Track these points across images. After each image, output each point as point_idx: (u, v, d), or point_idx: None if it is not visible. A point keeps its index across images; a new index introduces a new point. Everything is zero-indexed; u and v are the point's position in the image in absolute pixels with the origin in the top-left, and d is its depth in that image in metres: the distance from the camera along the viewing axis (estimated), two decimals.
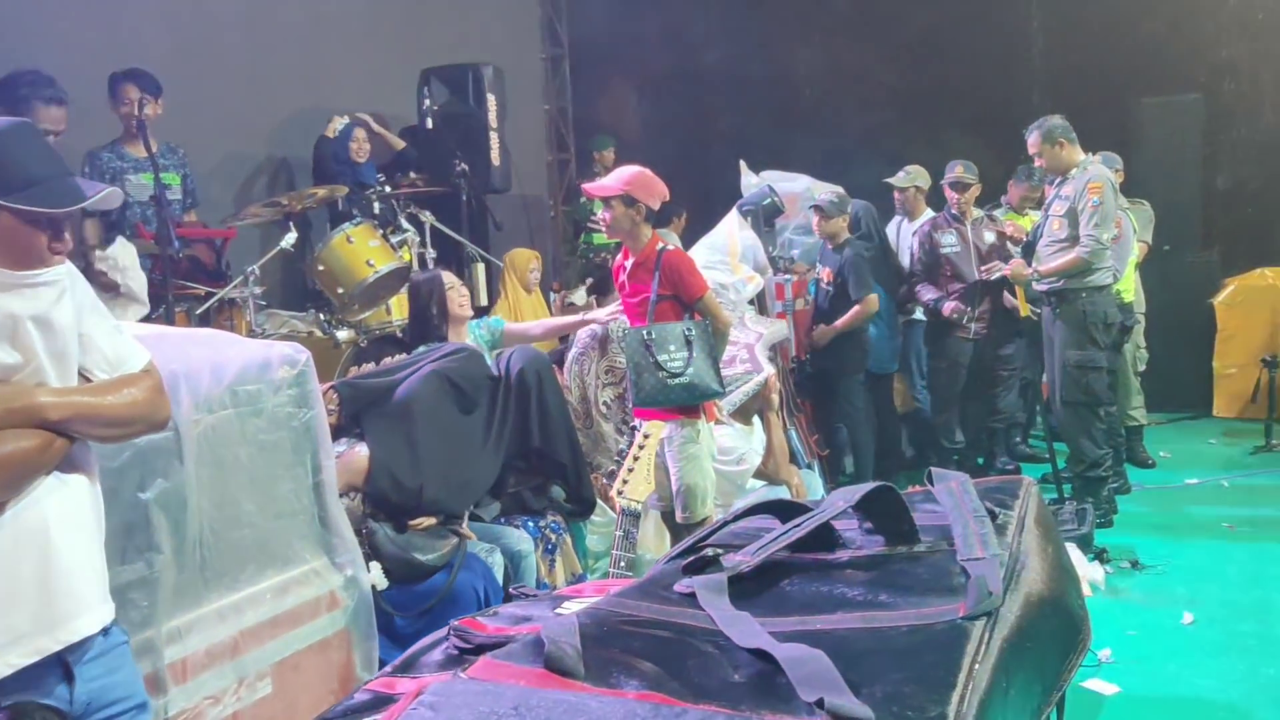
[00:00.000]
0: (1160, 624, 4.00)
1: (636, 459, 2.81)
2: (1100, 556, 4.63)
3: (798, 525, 1.72)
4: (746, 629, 1.43)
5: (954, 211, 5.91)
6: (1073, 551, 4.35)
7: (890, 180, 6.33)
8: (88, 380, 1.89)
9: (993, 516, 1.76)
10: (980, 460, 6.25)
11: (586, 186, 4.13)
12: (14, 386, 1.77)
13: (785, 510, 1.84)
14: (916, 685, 1.30)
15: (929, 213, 6.35)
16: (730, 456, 4.39)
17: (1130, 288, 5.86)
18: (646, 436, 2.85)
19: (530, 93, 9.22)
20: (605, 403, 4.54)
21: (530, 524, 3.75)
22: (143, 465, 2.24)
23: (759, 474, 4.58)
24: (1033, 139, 5.15)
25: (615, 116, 9.32)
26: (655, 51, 9.24)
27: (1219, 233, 7.67)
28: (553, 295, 6.54)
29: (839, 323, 5.65)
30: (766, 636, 1.39)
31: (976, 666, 1.34)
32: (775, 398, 4.70)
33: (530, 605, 1.81)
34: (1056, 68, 8.10)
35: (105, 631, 1.91)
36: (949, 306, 5.77)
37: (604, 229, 4.09)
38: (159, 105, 4.60)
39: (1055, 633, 1.62)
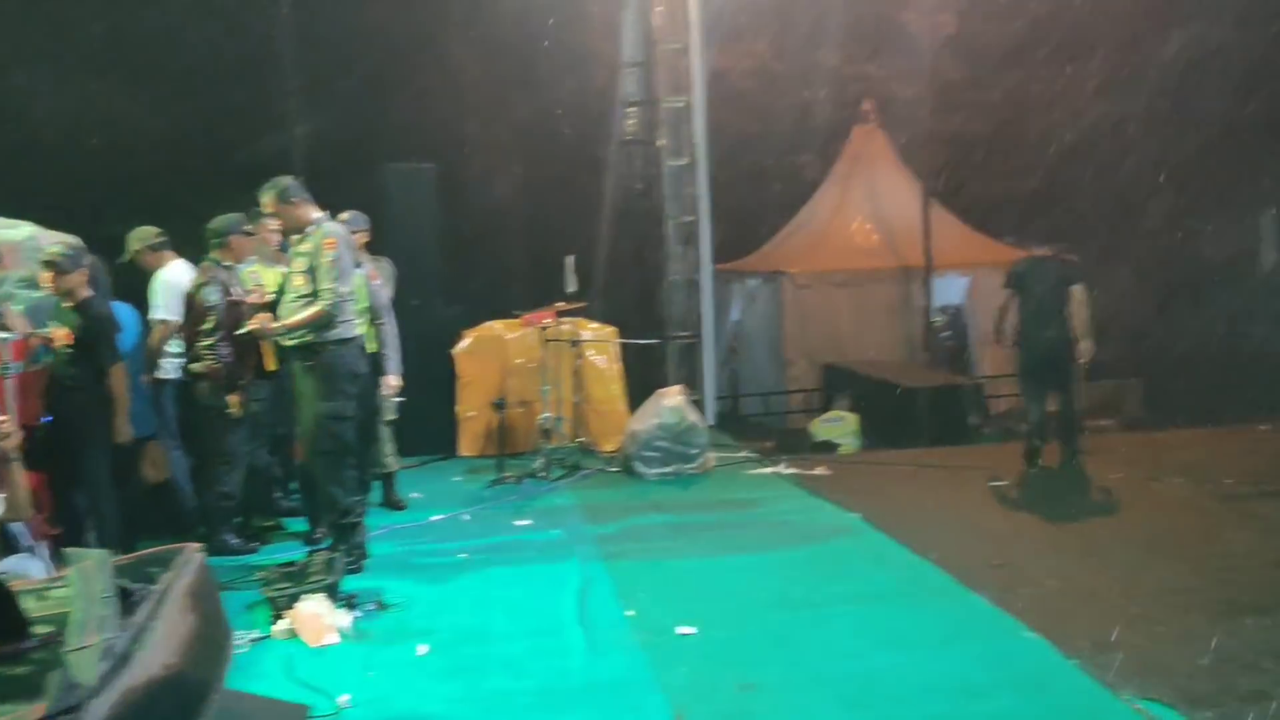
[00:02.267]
0: (397, 659, 4.06)
1: None
2: (349, 603, 4.58)
3: None
4: None
5: (226, 263, 5.71)
6: (320, 601, 4.39)
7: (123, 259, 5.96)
8: None
9: (127, 594, 1.65)
10: (239, 519, 5.92)
11: None
12: None
13: None
14: None
15: (179, 260, 6.01)
16: None
17: (373, 337, 5.99)
18: None
19: None
20: None
21: None
22: None
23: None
24: (268, 198, 5.15)
25: None
26: None
27: (459, 288, 8.39)
28: None
29: (119, 403, 5.27)
30: None
31: None
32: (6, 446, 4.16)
33: None
34: (315, 129, 8.38)
35: None
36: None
37: None
38: None
39: (170, 708, 1.57)
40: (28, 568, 4.23)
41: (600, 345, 8.07)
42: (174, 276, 5.87)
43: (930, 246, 10.80)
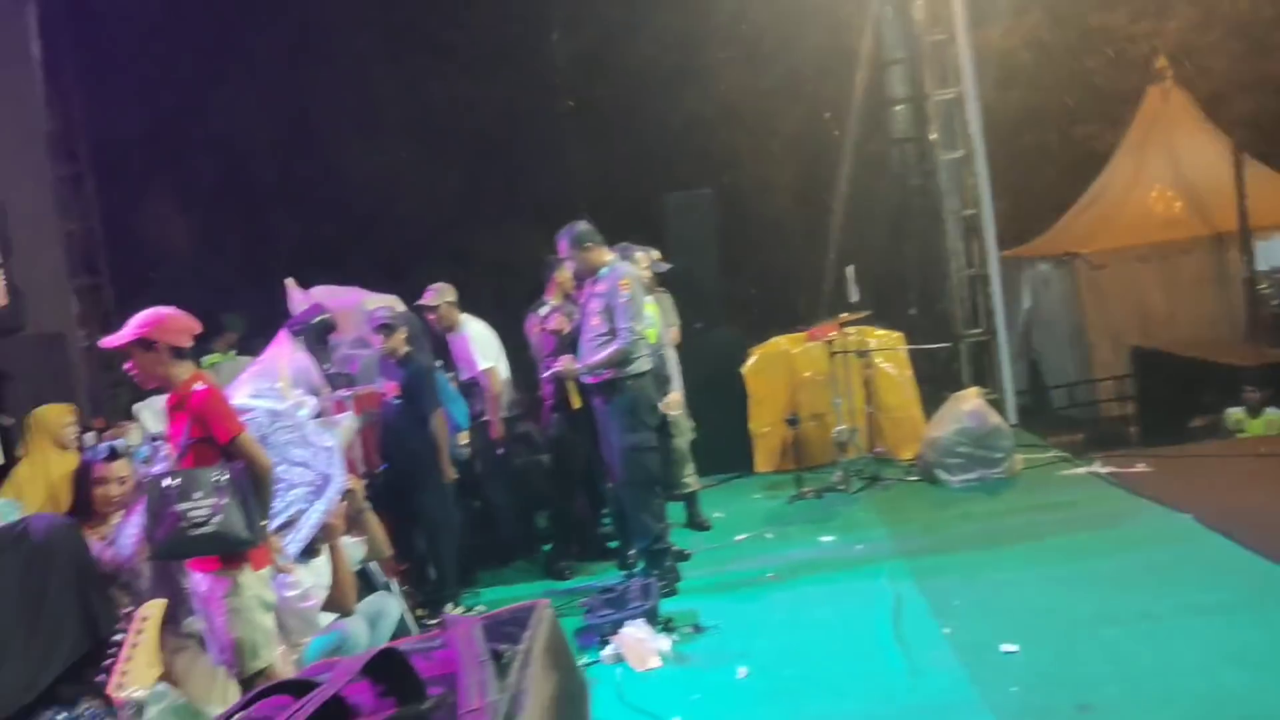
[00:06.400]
0: (720, 683, 4.10)
1: (135, 645, 2.56)
2: (667, 626, 4.70)
3: (304, 705, 1.52)
4: None
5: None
6: (641, 626, 4.61)
7: (422, 303, 6.27)
8: None
9: (498, 656, 1.75)
10: (547, 547, 6.44)
11: (104, 341, 3.69)
12: None
13: (297, 688, 1.61)
14: None
15: (469, 318, 6.43)
16: (294, 593, 4.09)
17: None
18: (145, 619, 2.64)
19: (45, 217, 8.24)
20: None
21: (61, 715, 3.23)
22: None
23: (328, 606, 4.29)
24: (562, 245, 5.48)
25: (156, 232, 8.53)
26: (198, 160, 8.53)
27: (740, 308, 8.06)
28: (90, 435, 5.43)
29: (441, 449, 5.65)
30: None
31: None
32: (339, 524, 4.43)
33: None
34: (594, 168, 8.49)
35: None
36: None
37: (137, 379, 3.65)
38: None
39: None
40: (387, 605, 4.59)
41: (889, 353, 7.84)
42: (481, 329, 6.40)
43: (1245, 208, 9.64)
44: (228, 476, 3.46)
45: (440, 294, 6.36)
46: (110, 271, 9.01)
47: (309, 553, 4.43)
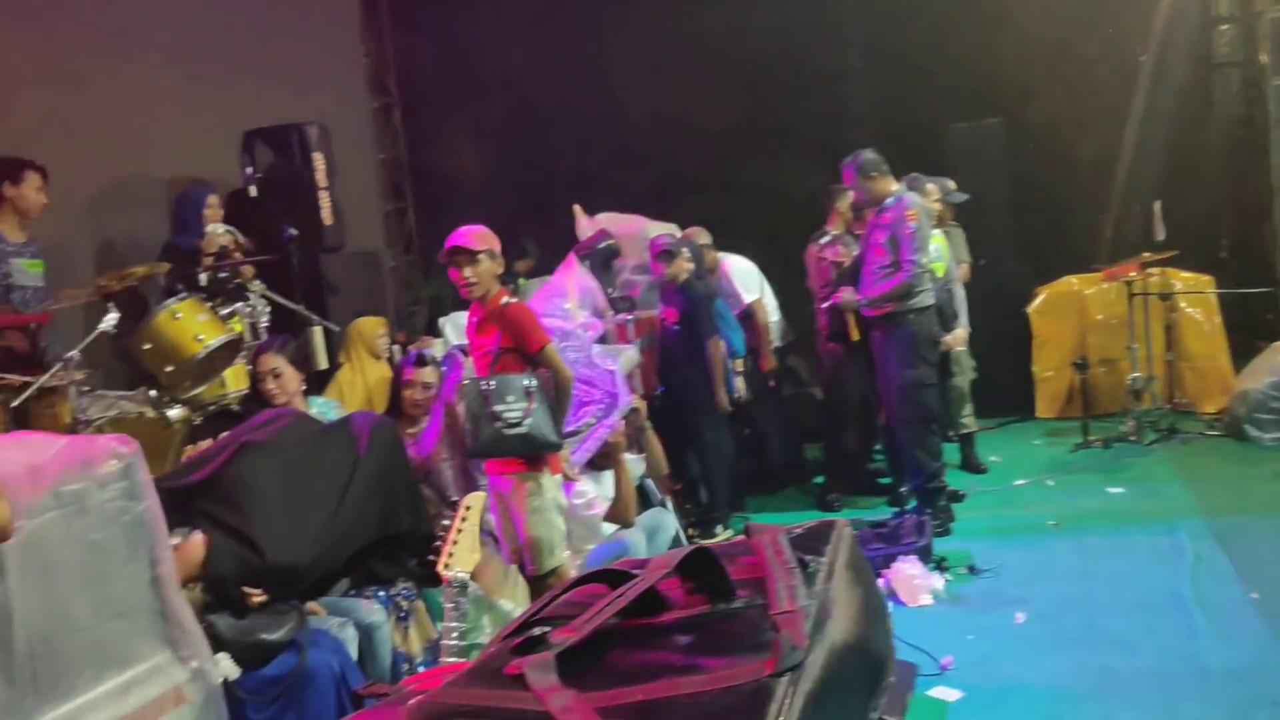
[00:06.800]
0: (996, 625, 4.11)
1: (460, 530, 2.72)
2: (940, 565, 4.73)
3: (624, 593, 1.64)
4: (572, 708, 1.39)
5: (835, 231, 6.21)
6: (914, 563, 4.59)
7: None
8: None
9: (804, 565, 1.79)
10: (819, 479, 6.48)
11: (459, 240, 3.86)
12: None
13: (614, 578, 1.74)
14: None
15: (726, 255, 6.61)
16: (581, 500, 4.43)
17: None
18: (469, 508, 2.78)
19: (361, 145, 8.93)
20: None
21: (381, 594, 3.66)
22: None
23: (609, 518, 4.59)
24: (848, 173, 5.40)
25: (453, 161, 9.08)
26: (491, 94, 9.09)
27: (1028, 245, 7.95)
28: (396, 348, 5.91)
29: (716, 377, 5.71)
30: (590, 715, 1.37)
31: None
32: (622, 441, 4.73)
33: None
34: (875, 98, 8.30)
35: None
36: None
37: (465, 289, 3.87)
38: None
39: (860, 676, 1.72)
40: (664, 520, 4.90)
41: (1196, 297, 7.41)
42: (741, 263, 6.63)
43: None
44: (536, 383, 3.73)
45: (695, 237, 6.37)
46: (414, 197, 9.58)
47: (596, 466, 4.66)
